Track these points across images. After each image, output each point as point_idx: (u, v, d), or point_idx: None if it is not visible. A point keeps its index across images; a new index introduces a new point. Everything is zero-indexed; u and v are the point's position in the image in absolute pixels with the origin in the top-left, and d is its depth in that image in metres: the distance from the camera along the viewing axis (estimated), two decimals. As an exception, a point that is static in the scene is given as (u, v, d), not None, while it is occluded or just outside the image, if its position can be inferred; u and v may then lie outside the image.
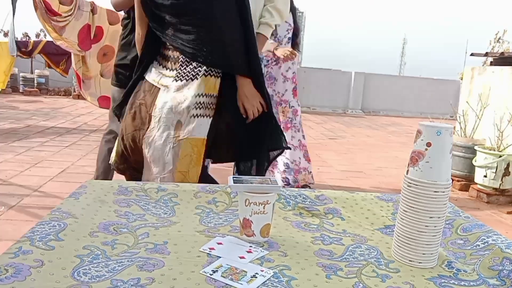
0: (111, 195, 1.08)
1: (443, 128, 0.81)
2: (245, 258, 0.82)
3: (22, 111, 6.87)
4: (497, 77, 4.36)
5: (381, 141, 6.81)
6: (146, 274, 0.73)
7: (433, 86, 11.31)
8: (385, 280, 0.77)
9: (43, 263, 0.73)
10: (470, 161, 3.99)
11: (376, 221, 1.07)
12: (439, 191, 0.81)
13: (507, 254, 0.87)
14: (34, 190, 3.16)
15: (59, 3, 5.09)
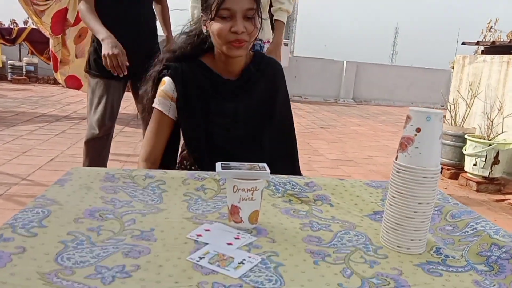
0: (97, 182, 1.06)
1: (433, 114, 0.80)
2: (233, 245, 0.81)
3: (10, 99, 6.78)
4: (488, 66, 4.38)
5: (372, 130, 6.83)
6: (132, 261, 0.72)
7: (424, 76, 11.36)
8: (373, 266, 0.77)
9: (25, 250, 0.72)
10: (460, 150, 4.02)
11: (365, 207, 1.06)
12: (428, 176, 0.81)
13: (495, 240, 0.87)
14: (22, 178, 3.13)
15: None
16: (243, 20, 1.32)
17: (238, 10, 1.30)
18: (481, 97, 4.28)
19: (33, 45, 7.74)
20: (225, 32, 1.31)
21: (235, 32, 1.30)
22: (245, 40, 1.33)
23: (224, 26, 1.31)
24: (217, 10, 1.30)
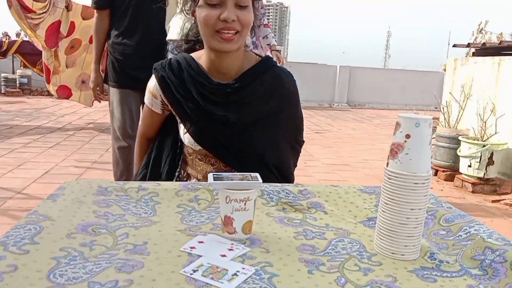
0: (90, 195, 1.06)
1: (422, 120, 0.80)
2: (227, 256, 0.80)
3: (3, 112, 6.75)
4: (479, 67, 4.41)
5: (367, 134, 6.85)
6: (125, 276, 0.72)
7: (417, 78, 11.43)
8: (367, 274, 0.77)
9: (17, 268, 0.71)
10: (455, 152, 4.03)
11: (359, 214, 1.06)
12: (419, 182, 0.81)
13: (489, 243, 0.87)
14: (17, 192, 3.11)
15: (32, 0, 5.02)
16: (235, 8, 1.17)
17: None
18: (473, 99, 4.30)
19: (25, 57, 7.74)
20: (213, 19, 1.17)
21: (224, 20, 1.16)
22: (236, 28, 1.18)
23: (211, 13, 1.17)
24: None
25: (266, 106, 1.32)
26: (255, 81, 1.31)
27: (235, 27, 1.18)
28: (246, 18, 1.20)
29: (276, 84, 1.33)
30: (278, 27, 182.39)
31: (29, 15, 4.97)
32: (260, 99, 1.31)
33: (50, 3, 5.01)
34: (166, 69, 1.32)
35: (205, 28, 1.20)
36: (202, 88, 1.29)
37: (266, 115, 1.33)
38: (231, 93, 1.29)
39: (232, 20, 1.16)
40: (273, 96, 1.33)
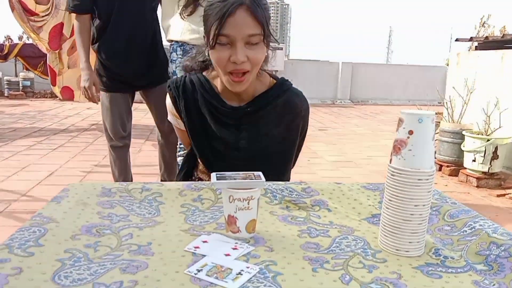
0: (94, 197, 1.06)
1: (425, 115, 0.80)
2: (231, 256, 0.80)
3: (7, 115, 6.78)
4: (482, 61, 4.39)
5: (370, 130, 6.83)
6: (129, 277, 0.72)
7: (420, 73, 11.38)
8: (371, 271, 0.77)
9: (22, 270, 0.71)
10: (459, 146, 4.02)
11: (363, 211, 1.06)
12: (423, 178, 0.80)
13: (494, 238, 0.86)
14: (22, 194, 3.13)
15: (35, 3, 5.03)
16: (244, 48, 1.16)
17: (238, 37, 1.15)
18: (477, 93, 4.28)
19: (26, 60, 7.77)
20: (223, 61, 1.18)
21: (234, 62, 1.16)
22: (246, 70, 1.19)
23: (222, 55, 1.17)
24: (215, 37, 1.16)
25: (277, 130, 1.33)
26: (268, 105, 1.32)
27: (244, 68, 1.18)
28: (256, 57, 1.19)
29: (288, 108, 1.33)
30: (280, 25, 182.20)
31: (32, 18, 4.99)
32: (272, 123, 1.32)
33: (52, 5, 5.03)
34: (180, 90, 1.34)
35: (217, 67, 1.23)
36: (215, 111, 1.32)
37: (277, 140, 1.34)
38: (244, 117, 1.32)
39: (242, 62, 1.16)
40: (284, 120, 1.33)
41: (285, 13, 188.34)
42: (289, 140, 1.37)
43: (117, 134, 2.58)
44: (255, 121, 1.32)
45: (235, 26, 1.15)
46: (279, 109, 1.32)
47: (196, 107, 1.33)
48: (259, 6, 1.17)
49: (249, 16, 1.15)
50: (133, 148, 2.51)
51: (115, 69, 2.50)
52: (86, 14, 2.38)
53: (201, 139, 1.35)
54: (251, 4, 1.15)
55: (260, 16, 1.16)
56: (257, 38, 1.17)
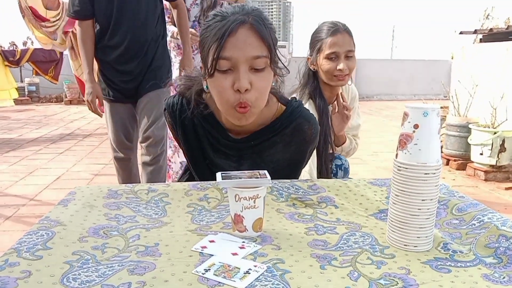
0: (100, 199, 1.06)
1: (430, 109, 0.79)
2: (238, 255, 0.80)
3: (14, 121, 6.83)
4: (487, 54, 4.36)
5: (376, 126, 6.81)
6: (137, 278, 0.72)
7: (424, 68, 11.32)
8: (380, 267, 0.76)
9: (31, 273, 0.72)
10: (466, 140, 3.99)
11: (370, 206, 1.06)
12: (430, 173, 0.80)
13: (503, 231, 0.86)
14: (30, 199, 3.14)
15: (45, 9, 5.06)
16: (248, 72, 1.02)
17: (241, 59, 1.01)
18: (482, 86, 4.25)
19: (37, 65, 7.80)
20: (226, 91, 1.03)
21: (238, 90, 1.02)
22: (249, 104, 1.04)
23: (224, 83, 1.03)
24: (214, 62, 1.02)
25: (282, 157, 1.23)
26: (274, 136, 1.20)
27: (248, 100, 1.03)
28: (262, 85, 1.04)
29: (296, 136, 1.21)
30: (282, 23, 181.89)
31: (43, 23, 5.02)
32: (277, 152, 1.22)
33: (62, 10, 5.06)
34: (177, 116, 1.23)
35: (219, 101, 1.08)
36: (215, 142, 1.22)
37: (281, 166, 1.23)
38: (246, 149, 1.22)
39: (246, 89, 1.02)
40: (291, 148, 1.22)
41: (287, 11, 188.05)
42: (295, 164, 1.28)
43: (120, 145, 2.46)
44: (259, 151, 1.22)
45: (237, 47, 1.00)
46: (287, 137, 1.21)
47: (195, 135, 1.23)
48: (264, 25, 1.04)
49: (253, 36, 1.02)
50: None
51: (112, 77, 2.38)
52: (88, 19, 2.27)
53: (201, 166, 1.27)
54: (255, 22, 1.02)
55: (265, 36, 1.03)
56: (262, 62, 1.03)
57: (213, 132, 1.21)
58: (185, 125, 1.23)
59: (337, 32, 1.69)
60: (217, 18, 1.05)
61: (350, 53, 1.70)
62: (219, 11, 1.07)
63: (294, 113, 1.20)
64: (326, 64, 1.71)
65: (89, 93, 2.31)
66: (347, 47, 1.70)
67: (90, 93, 2.31)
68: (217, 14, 1.06)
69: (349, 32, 1.72)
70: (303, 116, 1.21)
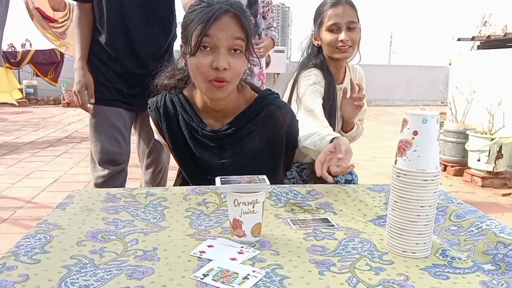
0: (99, 203, 1.06)
1: (429, 116, 0.79)
2: (237, 260, 0.80)
3: (11, 123, 6.80)
4: (485, 60, 4.38)
5: (374, 131, 6.82)
6: (136, 282, 0.72)
7: (422, 74, 11.36)
8: (379, 273, 0.76)
9: (28, 277, 0.71)
10: (463, 146, 4.00)
11: (368, 212, 1.06)
12: (429, 179, 0.80)
13: (501, 238, 0.86)
14: (27, 202, 3.13)
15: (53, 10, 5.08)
16: (227, 54, 1.13)
17: (222, 39, 1.11)
18: (480, 93, 4.27)
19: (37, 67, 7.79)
20: (205, 68, 1.12)
21: (216, 68, 1.11)
22: (226, 79, 1.14)
23: (204, 61, 1.12)
24: (198, 39, 1.11)
25: (260, 145, 1.28)
26: (249, 123, 1.27)
27: (225, 77, 1.13)
28: (238, 66, 1.15)
29: (269, 123, 1.27)
30: (281, 27, 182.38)
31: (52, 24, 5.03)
32: (254, 139, 1.27)
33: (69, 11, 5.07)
34: (161, 112, 1.30)
35: (197, 75, 1.16)
36: (196, 134, 1.28)
37: (261, 156, 1.29)
38: (225, 138, 1.27)
39: (224, 68, 1.12)
40: (266, 136, 1.28)
41: (286, 16, 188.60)
42: (274, 154, 1.32)
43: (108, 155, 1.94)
44: (237, 140, 1.27)
45: (221, 29, 1.11)
46: (260, 124, 1.27)
47: (178, 128, 1.30)
48: (245, 16, 1.16)
49: (235, 22, 1.14)
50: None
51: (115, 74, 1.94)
52: (88, 2, 1.94)
53: (187, 160, 1.33)
54: (237, 12, 1.14)
55: (245, 24, 1.15)
56: (241, 43, 1.14)
57: (193, 124, 1.28)
58: (169, 119, 1.30)
59: (338, 3, 1.65)
60: (203, 4, 1.15)
61: (352, 24, 1.64)
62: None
63: (266, 99, 1.28)
64: (328, 36, 1.66)
65: (78, 82, 1.92)
66: (349, 18, 1.63)
67: (79, 82, 1.92)
68: (203, 0, 1.16)
69: (351, 4, 1.67)
70: (274, 103, 1.29)
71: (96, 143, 1.95)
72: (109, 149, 1.93)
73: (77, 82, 1.92)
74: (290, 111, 1.30)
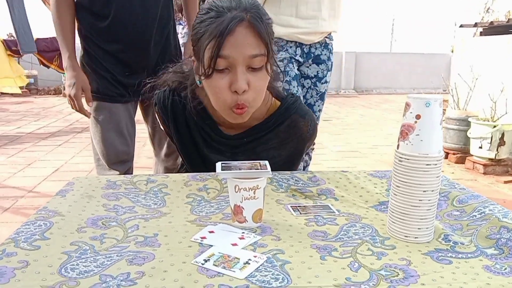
0: (99, 190, 1.06)
1: (432, 99, 0.78)
2: (238, 245, 0.80)
3: (12, 113, 6.80)
4: (488, 47, 4.34)
5: (375, 119, 6.80)
6: (136, 268, 0.71)
7: (424, 61, 11.29)
8: (380, 258, 0.76)
9: (28, 263, 0.71)
10: (465, 134, 3.99)
11: (370, 199, 1.05)
12: (431, 163, 0.79)
13: (504, 223, 0.85)
14: (28, 191, 3.14)
15: None
16: (246, 72, 1.00)
17: (239, 58, 0.98)
18: (482, 80, 4.24)
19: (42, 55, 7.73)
20: (224, 92, 1.01)
21: (235, 91, 1.00)
22: (246, 105, 1.03)
23: (221, 84, 1.01)
24: (212, 61, 0.98)
25: (278, 153, 1.20)
26: (269, 133, 1.18)
27: (246, 100, 1.02)
28: (259, 85, 1.03)
29: (292, 133, 1.19)
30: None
31: None
32: (272, 148, 1.20)
33: None
34: (168, 111, 1.20)
35: (215, 101, 1.06)
36: (208, 138, 1.20)
37: (277, 163, 1.16)
38: (240, 146, 1.20)
39: (244, 91, 1.01)
40: (287, 146, 1.20)
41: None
42: (291, 161, 1.25)
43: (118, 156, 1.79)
44: (253, 148, 1.20)
45: (235, 46, 0.98)
46: (282, 134, 1.19)
47: (187, 130, 1.21)
48: (262, 21, 1.01)
49: (252, 34, 0.99)
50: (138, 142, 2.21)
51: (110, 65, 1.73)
52: None
53: (195, 161, 1.25)
54: (253, 20, 0.99)
55: (263, 34, 1.00)
56: (260, 61, 1.01)
57: (206, 128, 1.19)
58: (177, 119, 1.21)
59: None
60: (212, 13, 1.01)
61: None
62: (213, 4, 1.02)
63: (289, 110, 1.19)
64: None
65: (72, 84, 1.66)
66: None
67: (73, 84, 1.66)
68: (211, 8, 1.02)
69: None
70: (298, 112, 1.19)
71: (104, 144, 1.78)
72: (119, 150, 1.78)
73: (71, 85, 1.66)
74: (313, 119, 1.22)
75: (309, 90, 2.24)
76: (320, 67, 2.21)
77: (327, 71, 2.24)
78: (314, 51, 2.16)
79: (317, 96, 2.26)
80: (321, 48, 2.18)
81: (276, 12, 2.03)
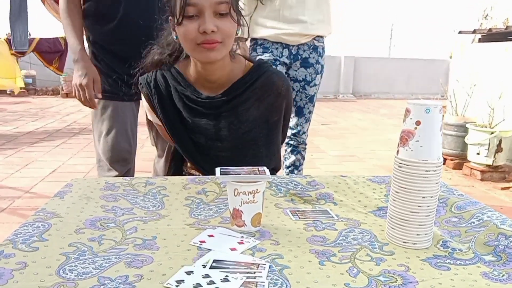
0: (97, 191, 1.05)
1: (432, 106, 0.79)
2: (237, 250, 0.80)
3: (10, 113, 6.78)
4: (486, 54, 4.36)
5: (373, 124, 6.81)
6: (135, 271, 0.71)
7: (422, 67, 11.33)
8: (379, 264, 0.76)
9: (26, 265, 0.71)
10: (463, 140, 4.00)
11: (369, 204, 1.05)
12: (431, 170, 0.79)
13: (502, 230, 0.85)
14: (25, 191, 3.13)
15: None
16: (213, 18, 1.12)
17: (206, 5, 1.10)
18: (481, 86, 4.26)
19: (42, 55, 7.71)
20: (193, 33, 1.12)
21: (204, 31, 1.11)
22: (217, 40, 1.13)
23: (190, 27, 1.12)
24: (182, 9, 1.11)
25: (258, 113, 1.28)
26: (246, 90, 1.26)
27: (215, 38, 1.12)
28: (227, 27, 1.14)
29: (268, 89, 1.28)
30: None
31: None
32: (252, 107, 1.27)
33: None
34: (152, 86, 1.29)
35: (186, 43, 1.16)
36: (190, 103, 1.26)
37: (258, 124, 1.29)
38: (221, 106, 1.26)
39: (212, 31, 1.11)
40: (265, 102, 1.28)
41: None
42: (272, 122, 1.32)
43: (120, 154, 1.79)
44: (234, 108, 1.27)
45: None
46: (258, 91, 1.27)
47: (171, 102, 1.28)
48: None
49: None
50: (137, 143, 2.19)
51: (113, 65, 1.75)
52: None
53: (181, 134, 1.31)
54: None
55: None
56: (225, 7, 1.12)
57: (187, 93, 1.26)
58: (160, 92, 1.29)
59: None
60: None
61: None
62: None
63: (262, 67, 1.29)
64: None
65: (83, 74, 1.65)
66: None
67: (84, 74, 1.65)
68: None
69: None
70: (271, 70, 1.30)
71: (107, 140, 1.77)
72: (121, 147, 1.78)
73: (82, 75, 1.66)
74: (286, 78, 1.33)
75: (298, 93, 2.27)
76: (308, 71, 2.23)
77: (315, 74, 2.26)
78: (302, 53, 2.19)
79: (306, 99, 2.28)
80: (309, 51, 2.20)
81: (262, 16, 2.14)
